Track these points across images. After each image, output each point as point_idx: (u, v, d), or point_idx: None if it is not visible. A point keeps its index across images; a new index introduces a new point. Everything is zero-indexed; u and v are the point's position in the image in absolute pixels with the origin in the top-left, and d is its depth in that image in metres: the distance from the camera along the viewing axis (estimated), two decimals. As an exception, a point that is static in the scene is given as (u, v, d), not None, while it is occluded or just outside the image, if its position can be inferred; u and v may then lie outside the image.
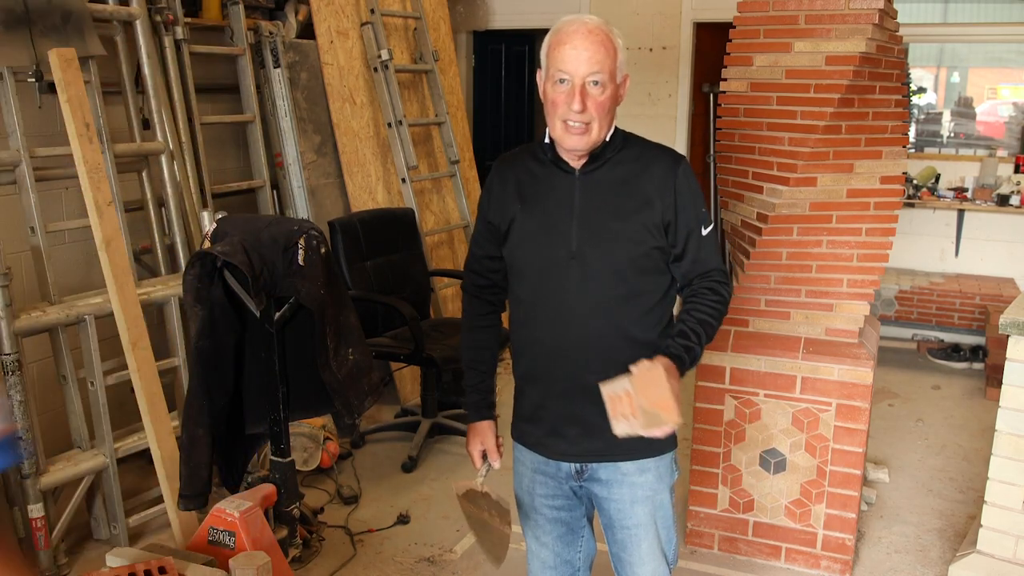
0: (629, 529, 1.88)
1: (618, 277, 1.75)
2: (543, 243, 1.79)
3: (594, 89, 1.67)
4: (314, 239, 2.62)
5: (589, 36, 1.66)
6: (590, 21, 1.69)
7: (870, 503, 3.48)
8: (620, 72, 1.71)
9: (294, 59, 4.36)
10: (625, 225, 1.73)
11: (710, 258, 1.80)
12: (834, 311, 2.90)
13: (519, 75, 7.26)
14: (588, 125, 1.69)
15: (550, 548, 1.96)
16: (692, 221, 1.76)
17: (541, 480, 1.92)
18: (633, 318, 1.78)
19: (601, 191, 1.76)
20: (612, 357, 1.74)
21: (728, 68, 2.94)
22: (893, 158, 2.84)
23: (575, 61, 1.66)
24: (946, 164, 5.70)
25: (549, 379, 1.84)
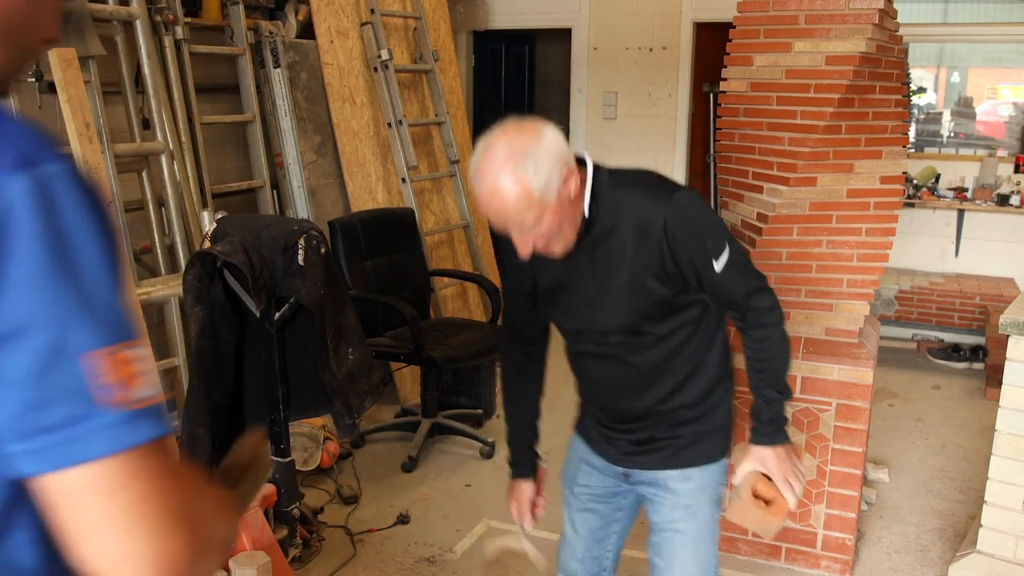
0: (664, 533, 1.88)
1: (634, 331, 1.74)
2: (566, 307, 1.80)
3: (531, 231, 1.59)
4: (314, 239, 2.62)
5: (495, 194, 1.54)
6: (494, 165, 1.52)
7: (870, 503, 3.48)
8: (549, 194, 1.55)
9: (294, 59, 4.36)
10: (631, 284, 1.68)
11: (735, 288, 1.69)
12: (834, 311, 2.90)
13: (519, 75, 7.26)
14: (548, 244, 1.64)
15: (581, 538, 1.99)
16: (697, 262, 1.65)
17: (587, 471, 1.96)
18: (662, 360, 1.77)
19: (604, 251, 1.69)
20: (652, 394, 1.80)
21: (728, 68, 2.94)
22: (893, 158, 2.84)
23: (494, 220, 1.59)
24: (946, 164, 5.69)
25: (599, 405, 1.91)
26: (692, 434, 1.83)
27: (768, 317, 1.72)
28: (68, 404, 0.67)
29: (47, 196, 0.68)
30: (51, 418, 0.66)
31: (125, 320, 0.71)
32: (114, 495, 0.67)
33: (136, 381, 0.69)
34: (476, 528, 3.29)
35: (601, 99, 6.04)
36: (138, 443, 0.68)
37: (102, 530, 0.67)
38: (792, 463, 1.77)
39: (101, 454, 0.67)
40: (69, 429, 0.66)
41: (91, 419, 0.67)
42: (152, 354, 3.06)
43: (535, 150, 1.53)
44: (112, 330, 0.69)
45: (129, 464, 0.68)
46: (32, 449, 0.67)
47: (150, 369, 0.71)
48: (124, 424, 0.68)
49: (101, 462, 0.67)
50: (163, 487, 0.69)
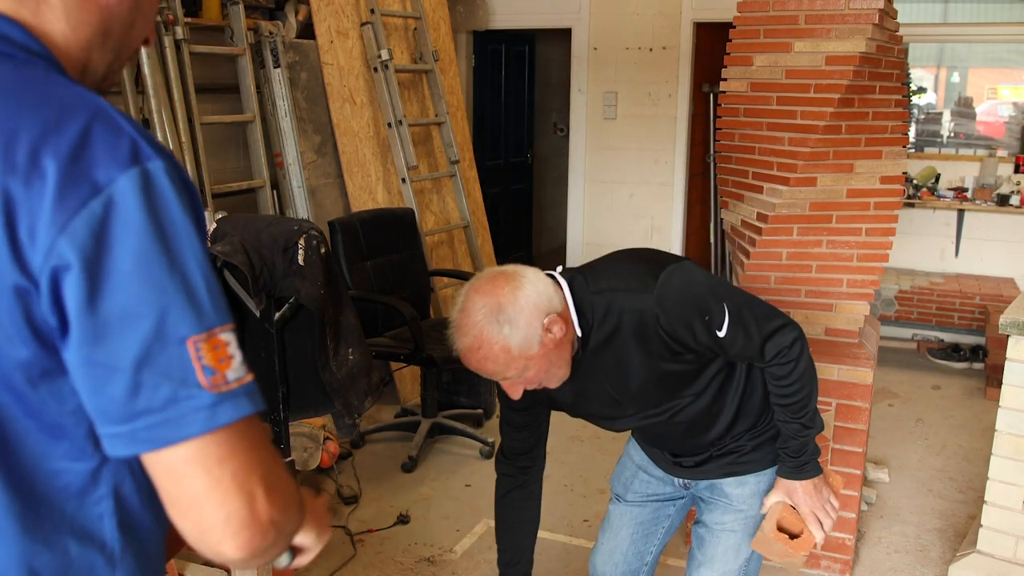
0: (710, 528, 1.88)
1: (669, 405, 1.74)
2: (593, 413, 1.81)
3: (518, 379, 1.58)
4: (314, 239, 2.62)
5: (475, 356, 1.53)
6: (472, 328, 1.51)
7: (870, 503, 3.48)
8: (530, 348, 1.53)
9: (294, 59, 4.36)
10: (646, 378, 1.68)
11: (747, 345, 1.64)
12: (834, 311, 2.91)
13: (519, 75, 7.26)
14: (541, 384, 1.63)
15: (630, 528, 1.99)
16: (701, 339, 1.61)
17: (643, 478, 1.98)
18: (713, 398, 1.76)
19: (609, 362, 1.67)
20: (703, 441, 1.83)
21: (728, 68, 2.94)
22: (893, 158, 2.84)
23: (482, 375, 1.59)
24: (946, 164, 5.69)
25: (652, 447, 1.96)
26: (751, 444, 1.84)
27: (787, 355, 1.65)
28: (169, 386, 0.72)
29: (153, 190, 0.73)
30: (153, 400, 0.72)
31: (219, 305, 0.77)
32: (211, 468, 0.74)
33: (229, 363, 0.75)
34: (476, 528, 3.29)
35: (601, 99, 6.04)
36: (231, 421, 0.74)
37: (201, 499, 0.74)
38: (822, 497, 1.73)
39: (198, 432, 0.73)
40: (170, 410, 0.72)
41: (190, 400, 0.73)
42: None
43: (510, 308, 1.51)
44: (208, 315, 0.75)
45: (224, 440, 0.74)
46: (131, 431, 0.72)
47: (239, 351, 0.77)
48: (219, 404, 0.74)
49: (198, 439, 0.73)
50: (253, 458, 0.76)
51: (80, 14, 0.83)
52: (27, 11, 0.81)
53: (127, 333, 0.71)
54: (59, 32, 0.82)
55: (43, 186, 0.71)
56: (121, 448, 0.74)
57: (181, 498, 0.75)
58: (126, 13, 0.86)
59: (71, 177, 0.71)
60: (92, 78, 0.88)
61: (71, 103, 0.75)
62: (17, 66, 0.78)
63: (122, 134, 0.74)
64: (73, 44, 0.83)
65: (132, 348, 0.71)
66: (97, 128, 0.74)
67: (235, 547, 0.75)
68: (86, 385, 0.73)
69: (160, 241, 0.73)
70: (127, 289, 0.71)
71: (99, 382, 0.72)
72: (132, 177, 0.72)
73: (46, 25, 0.82)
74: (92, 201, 0.71)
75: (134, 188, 0.72)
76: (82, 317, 0.71)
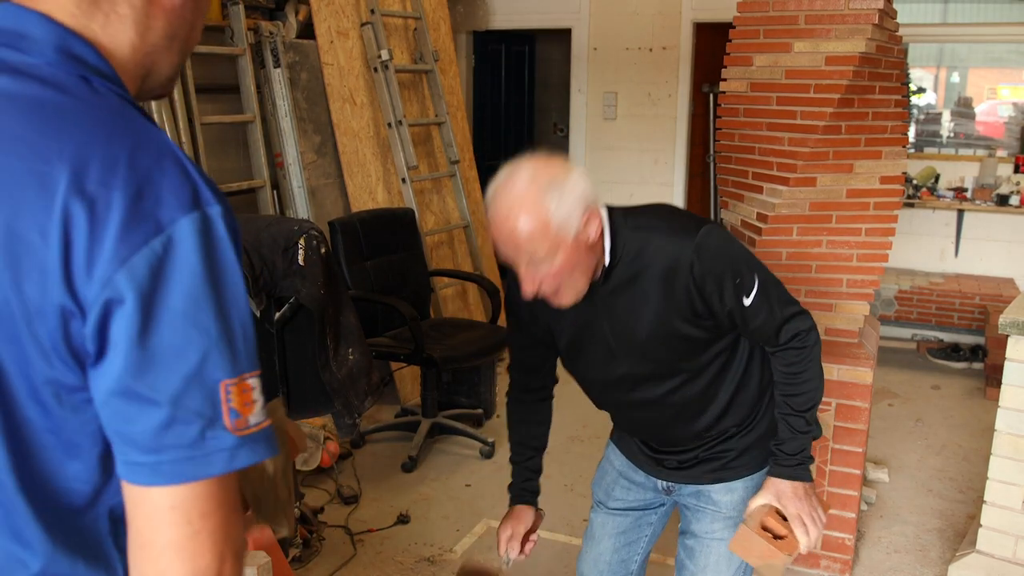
0: (699, 538, 1.83)
1: (666, 372, 1.69)
2: (588, 359, 1.74)
3: (540, 267, 1.51)
4: (314, 239, 2.62)
5: (511, 216, 1.47)
6: (516, 189, 1.47)
7: (870, 503, 3.48)
8: (568, 230, 1.48)
9: (294, 59, 4.36)
10: (657, 330, 1.63)
11: (767, 322, 1.62)
12: (834, 311, 2.91)
13: (519, 75, 7.26)
14: (556, 291, 1.56)
15: (611, 540, 1.94)
16: (728, 300, 1.59)
17: (623, 484, 1.92)
18: (700, 392, 1.72)
19: (625, 301, 1.63)
20: (690, 428, 1.77)
21: (728, 68, 2.94)
22: (893, 158, 2.84)
23: (504, 248, 1.52)
24: (946, 164, 5.70)
25: (644, 440, 1.88)
26: (738, 447, 1.79)
27: (803, 340, 1.64)
28: (199, 425, 0.74)
29: (211, 235, 0.76)
30: (183, 436, 0.74)
31: (252, 351, 0.79)
32: (194, 521, 0.75)
33: (252, 408, 0.78)
34: (476, 528, 3.29)
35: (601, 99, 6.04)
36: (248, 464, 0.76)
37: (176, 548, 0.75)
38: (811, 503, 1.68)
39: (218, 472, 0.75)
40: (196, 447, 0.74)
41: (215, 440, 0.75)
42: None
43: (560, 182, 1.48)
44: (242, 361, 0.77)
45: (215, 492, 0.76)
46: (156, 462, 0.74)
47: (261, 396, 0.80)
48: (240, 447, 0.76)
49: (195, 485, 0.75)
50: (232, 520, 0.78)
51: (148, 20, 0.85)
52: (97, 25, 0.82)
53: (170, 369, 0.74)
54: (127, 42, 0.84)
55: (107, 218, 0.72)
56: (142, 477, 0.75)
57: (155, 543, 0.75)
58: (189, 15, 0.88)
59: (136, 214, 0.73)
60: (156, 81, 0.89)
61: (143, 140, 0.77)
62: (93, 92, 0.79)
63: (188, 177, 0.77)
64: (140, 51, 0.85)
65: (173, 384, 0.74)
66: (166, 168, 0.76)
67: None
68: (119, 413, 0.75)
69: (212, 285, 0.75)
70: (177, 328, 0.74)
71: (134, 412, 0.74)
72: (193, 221, 0.75)
73: (116, 37, 0.83)
74: (154, 240, 0.73)
75: (193, 231, 0.74)
76: (131, 349, 0.73)
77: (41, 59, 0.79)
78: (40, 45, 0.79)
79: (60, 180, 0.73)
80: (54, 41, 0.80)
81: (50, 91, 0.78)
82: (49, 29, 0.80)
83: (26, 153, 0.75)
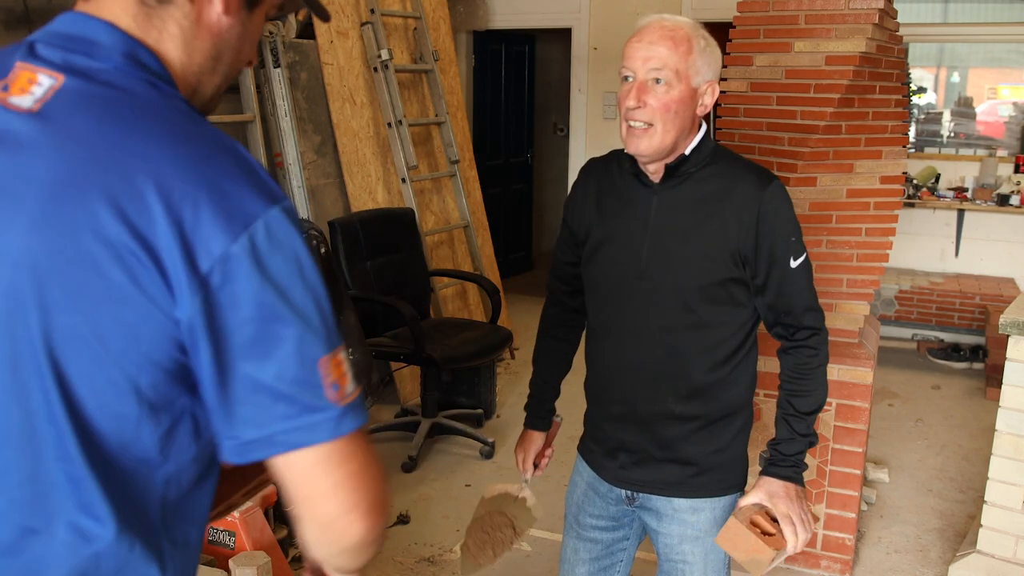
0: (675, 563, 1.80)
1: (684, 305, 1.65)
2: (614, 259, 1.71)
3: (657, 87, 1.55)
4: (314, 239, 2.62)
5: (660, 31, 1.55)
6: (670, 19, 1.58)
7: (870, 503, 3.48)
8: (698, 75, 1.56)
9: (294, 59, 4.36)
10: (697, 249, 1.62)
11: (798, 296, 1.63)
12: (834, 311, 2.90)
13: (519, 75, 7.26)
14: (650, 126, 1.57)
15: (585, 566, 1.91)
16: (777, 251, 1.60)
17: (592, 498, 1.87)
18: (696, 351, 1.68)
19: (678, 210, 1.64)
20: (668, 389, 1.70)
21: (728, 68, 2.94)
22: (893, 158, 2.84)
23: (636, 56, 1.56)
24: (946, 164, 5.70)
25: (606, 401, 1.81)
26: (704, 461, 1.73)
27: (817, 340, 1.66)
28: (305, 399, 0.81)
29: (292, 225, 0.82)
30: (290, 409, 0.81)
31: (336, 328, 0.86)
32: (335, 469, 0.83)
33: (347, 379, 0.85)
34: (476, 528, 3.29)
35: (601, 99, 6.04)
36: (352, 430, 0.84)
37: (327, 493, 0.84)
38: (803, 506, 1.66)
39: (327, 439, 0.82)
40: (305, 417, 0.81)
41: (322, 411, 0.82)
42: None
43: (710, 40, 1.60)
44: (331, 338, 0.84)
45: (345, 446, 0.84)
46: (270, 435, 0.81)
47: (350, 367, 0.87)
48: (344, 415, 0.83)
49: (325, 445, 0.82)
50: (368, 462, 0.86)
51: (195, 41, 0.88)
52: (152, 39, 0.86)
53: (275, 351, 0.80)
54: (177, 59, 0.88)
55: (198, 216, 0.77)
56: (257, 452, 0.82)
57: (311, 495, 0.84)
58: (235, 40, 0.91)
59: (226, 210, 0.78)
60: (200, 100, 0.92)
61: (218, 141, 0.83)
62: (163, 96, 0.83)
63: (261, 175, 0.83)
64: (188, 70, 0.89)
65: (279, 364, 0.80)
66: (243, 167, 0.82)
67: (364, 528, 0.85)
68: (231, 396, 0.81)
69: (299, 270, 0.82)
70: (278, 313, 0.80)
71: (247, 392, 0.80)
72: (277, 213, 0.81)
73: (167, 53, 0.87)
74: (244, 234, 0.78)
75: (281, 222, 0.81)
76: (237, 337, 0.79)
77: (110, 64, 0.82)
78: (108, 51, 0.83)
79: (141, 179, 0.76)
80: (122, 48, 0.83)
81: (121, 94, 0.81)
82: (117, 36, 0.83)
83: (101, 151, 0.78)
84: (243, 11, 0.90)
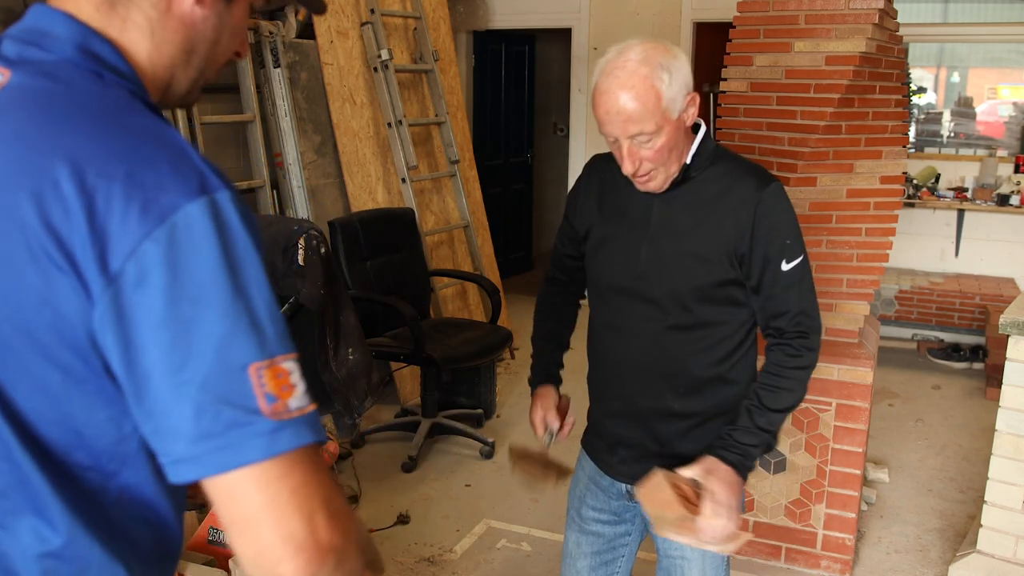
0: (673, 559, 1.82)
1: (680, 305, 1.67)
2: (614, 259, 1.73)
3: (644, 144, 1.55)
4: (314, 239, 2.62)
5: (621, 91, 1.51)
6: (623, 69, 1.52)
7: (870, 503, 3.48)
8: (674, 108, 1.55)
9: (294, 59, 4.36)
10: (695, 251, 1.64)
11: (788, 298, 1.63)
12: (834, 311, 2.90)
13: (519, 75, 7.26)
14: (651, 173, 1.60)
15: (587, 559, 1.92)
16: (771, 252, 1.61)
17: (593, 491, 1.89)
18: (694, 349, 1.69)
19: (678, 211, 1.66)
20: (666, 387, 1.72)
21: (728, 68, 2.94)
22: (893, 158, 2.84)
23: (611, 122, 1.55)
24: (946, 164, 5.70)
25: (606, 397, 1.83)
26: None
27: (802, 343, 1.64)
28: (231, 412, 0.73)
29: (221, 218, 0.75)
30: (215, 424, 0.72)
31: (282, 334, 0.78)
32: (269, 490, 0.73)
33: (291, 392, 0.76)
34: (476, 528, 3.29)
35: (601, 99, 6.03)
36: (290, 449, 0.74)
37: (259, 519, 0.74)
38: (735, 497, 1.59)
39: (257, 459, 0.73)
40: (231, 434, 0.72)
41: (251, 426, 0.73)
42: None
43: (671, 63, 1.54)
44: (271, 343, 0.76)
45: (284, 465, 0.74)
46: (194, 455, 0.73)
47: (301, 381, 0.78)
48: (279, 431, 0.74)
49: (258, 465, 0.73)
50: (313, 482, 0.76)
51: (164, 33, 0.85)
52: (114, 29, 0.83)
53: (193, 355, 0.72)
54: (143, 51, 0.85)
55: (110, 209, 0.72)
56: (187, 472, 0.74)
57: (239, 519, 0.75)
58: (210, 32, 0.88)
59: (140, 203, 0.73)
60: (176, 93, 0.90)
61: (146, 132, 0.78)
62: (103, 86, 0.80)
63: (191, 164, 0.77)
64: (157, 63, 0.86)
65: (198, 370, 0.72)
66: (168, 157, 0.76)
67: (292, 569, 0.74)
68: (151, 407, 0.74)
69: (227, 268, 0.74)
70: (195, 313, 0.73)
71: (166, 404, 0.73)
72: (201, 206, 0.74)
73: (132, 44, 0.84)
74: (159, 228, 0.72)
75: (202, 216, 0.74)
76: (150, 339, 0.73)
77: (60, 56, 0.81)
78: (61, 42, 0.81)
79: (60, 174, 0.74)
80: (75, 39, 0.82)
81: (59, 86, 0.79)
82: (72, 27, 0.82)
83: (27, 149, 0.76)
84: (220, 2, 0.88)
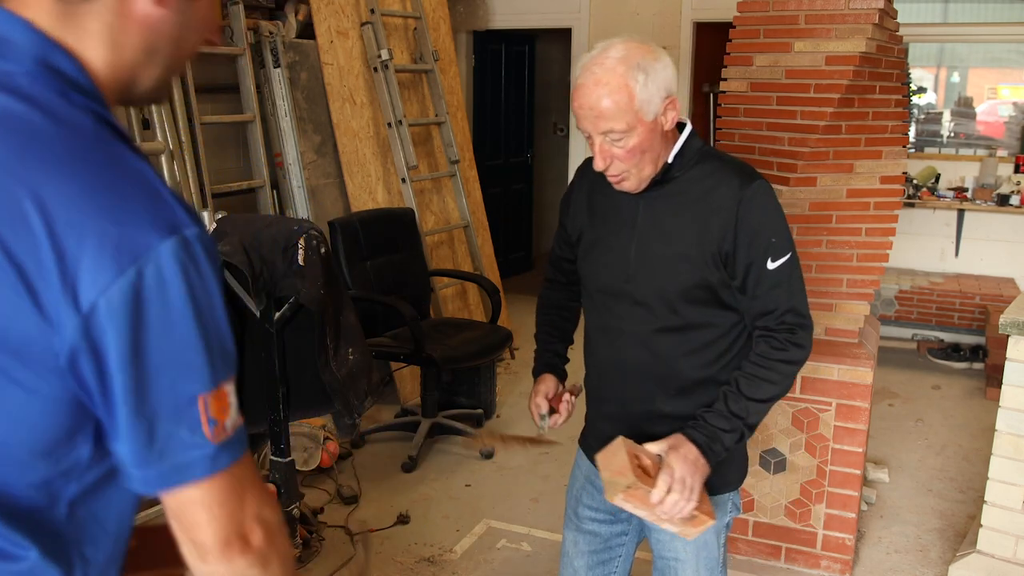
0: (667, 561, 1.83)
1: (668, 307, 1.67)
2: (604, 262, 1.74)
3: (616, 142, 1.56)
4: (314, 239, 2.62)
5: (595, 88, 1.53)
6: (601, 65, 1.53)
7: (870, 503, 3.48)
8: (649, 110, 1.55)
9: (294, 59, 4.36)
10: (680, 252, 1.64)
11: (775, 296, 1.62)
12: (834, 311, 2.90)
13: (519, 75, 7.26)
14: (623, 173, 1.61)
15: (584, 558, 1.92)
16: (755, 252, 1.60)
17: (589, 490, 1.90)
18: (684, 351, 1.69)
19: (663, 213, 1.66)
20: (657, 389, 1.72)
21: (728, 68, 2.94)
22: (893, 158, 2.84)
23: (585, 119, 1.56)
24: (946, 164, 5.69)
25: (600, 399, 1.84)
26: None
27: (789, 337, 1.63)
28: (180, 436, 0.80)
29: (190, 258, 0.78)
30: (167, 447, 0.80)
31: (229, 358, 0.84)
32: (205, 500, 0.83)
33: (228, 412, 0.83)
34: (476, 528, 3.29)
35: (601, 99, 6.03)
36: (228, 465, 0.84)
37: (203, 525, 0.83)
38: (695, 479, 1.56)
39: (202, 476, 0.82)
40: (180, 456, 0.81)
41: (197, 449, 0.81)
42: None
43: (650, 65, 1.54)
44: (219, 372, 0.82)
45: (223, 477, 0.84)
46: (149, 476, 0.81)
47: (235, 398, 0.86)
48: (220, 451, 0.83)
49: (200, 481, 0.82)
50: (245, 492, 0.86)
51: (123, 37, 0.83)
52: (72, 37, 0.82)
53: (152, 389, 0.78)
54: (101, 59, 0.83)
55: (82, 248, 0.74)
56: (152, 487, 0.83)
57: (185, 526, 0.84)
58: (172, 29, 0.86)
59: (112, 242, 0.74)
60: (140, 91, 0.89)
61: (117, 166, 0.78)
62: (71, 110, 0.79)
63: (162, 201, 0.79)
64: (118, 67, 0.84)
65: (154, 402, 0.79)
66: (140, 194, 0.78)
67: (226, 570, 0.85)
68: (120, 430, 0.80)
69: (193, 306, 0.78)
70: (159, 351, 0.78)
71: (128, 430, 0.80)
72: (172, 245, 0.77)
73: (90, 52, 0.83)
74: (131, 268, 0.75)
75: (172, 256, 0.76)
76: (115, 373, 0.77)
77: (20, 68, 0.79)
78: (20, 53, 0.79)
79: (28, 208, 0.74)
80: (34, 51, 0.80)
81: (26, 108, 0.78)
82: (31, 37, 0.80)
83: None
84: (181, 1, 0.86)
